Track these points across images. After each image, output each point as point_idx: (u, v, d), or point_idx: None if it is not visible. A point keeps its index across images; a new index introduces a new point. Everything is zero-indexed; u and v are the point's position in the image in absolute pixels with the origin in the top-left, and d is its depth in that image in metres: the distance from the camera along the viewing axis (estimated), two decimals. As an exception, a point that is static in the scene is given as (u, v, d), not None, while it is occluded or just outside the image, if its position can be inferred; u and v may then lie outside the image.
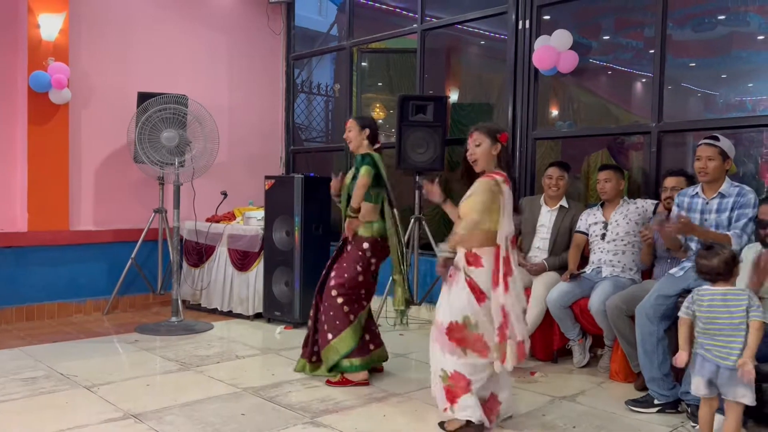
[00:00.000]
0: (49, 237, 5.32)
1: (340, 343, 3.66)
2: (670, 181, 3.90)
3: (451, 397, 2.96)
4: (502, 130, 3.09)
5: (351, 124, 3.84)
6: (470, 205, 2.98)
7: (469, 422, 2.92)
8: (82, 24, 5.54)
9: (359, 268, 3.71)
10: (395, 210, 3.77)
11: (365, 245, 3.72)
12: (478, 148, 3.02)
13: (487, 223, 2.95)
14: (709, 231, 3.26)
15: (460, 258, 3.02)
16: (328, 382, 3.67)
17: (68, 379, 3.66)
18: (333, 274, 3.76)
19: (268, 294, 5.23)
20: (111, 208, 5.74)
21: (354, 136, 3.80)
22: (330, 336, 3.68)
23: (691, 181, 3.87)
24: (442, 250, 3.02)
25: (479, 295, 2.93)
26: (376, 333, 3.89)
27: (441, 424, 3.03)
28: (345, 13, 6.48)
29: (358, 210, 3.69)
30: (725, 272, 2.72)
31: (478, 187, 2.99)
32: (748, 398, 2.64)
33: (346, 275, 3.70)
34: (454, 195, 3.36)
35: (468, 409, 2.92)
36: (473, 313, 2.92)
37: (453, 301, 2.99)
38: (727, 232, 3.22)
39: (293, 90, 7.04)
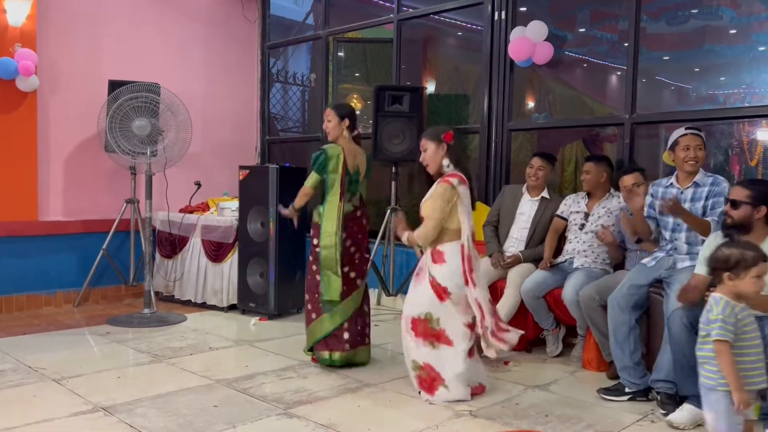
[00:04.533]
0: (17, 228, 5.20)
1: (313, 329, 3.79)
2: (628, 179, 3.81)
3: (427, 386, 3.23)
4: (447, 130, 3.27)
5: (330, 114, 3.77)
6: (430, 208, 3.21)
7: None
8: (51, 9, 5.40)
9: (311, 258, 3.80)
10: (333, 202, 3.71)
11: (312, 231, 3.82)
12: (426, 153, 3.27)
13: (446, 222, 3.19)
14: (694, 216, 3.30)
15: (426, 256, 3.26)
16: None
17: (36, 372, 3.59)
18: None
19: (243, 285, 5.18)
20: (81, 198, 5.62)
21: (333, 127, 3.75)
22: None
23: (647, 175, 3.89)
24: (405, 238, 3.29)
25: (441, 293, 3.17)
26: (360, 332, 3.77)
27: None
28: (321, 1, 6.42)
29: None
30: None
31: (435, 191, 3.23)
32: None
33: (306, 270, 3.86)
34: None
35: (449, 394, 3.18)
36: (435, 310, 3.18)
37: (417, 297, 3.25)
38: (708, 219, 3.27)
39: (269, 79, 6.96)
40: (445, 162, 3.24)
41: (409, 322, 3.24)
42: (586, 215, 4.07)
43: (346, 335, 3.70)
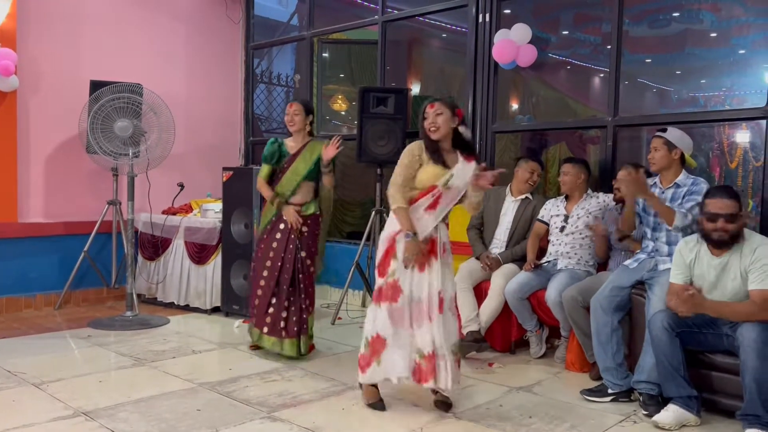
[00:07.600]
0: (-4, 229, 5.13)
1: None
2: (621, 174, 3.90)
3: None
4: (459, 107, 3.21)
5: (298, 108, 3.98)
6: None
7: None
8: (31, 8, 5.33)
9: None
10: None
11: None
12: (440, 116, 3.10)
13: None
14: (661, 202, 3.33)
15: (442, 232, 3.14)
16: None
17: (16, 377, 3.54)
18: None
19: (226, 288, 5.15)
20: (62, 199, 5.56)
21: (300, 120, 3.98)
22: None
23: (647, 173, 3.94)
24: None
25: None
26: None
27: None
28: (305, 2, 6.40)
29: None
30: None
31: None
32: None
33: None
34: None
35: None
36: None
37: (450, 274, 3.19)
38: (675, 209, 3.30)
39: (253, 80, 6.93)
40: (451, 135, 3.13)
41: (454, 300, 3.20)
42: (566, 217, 4.11)
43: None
